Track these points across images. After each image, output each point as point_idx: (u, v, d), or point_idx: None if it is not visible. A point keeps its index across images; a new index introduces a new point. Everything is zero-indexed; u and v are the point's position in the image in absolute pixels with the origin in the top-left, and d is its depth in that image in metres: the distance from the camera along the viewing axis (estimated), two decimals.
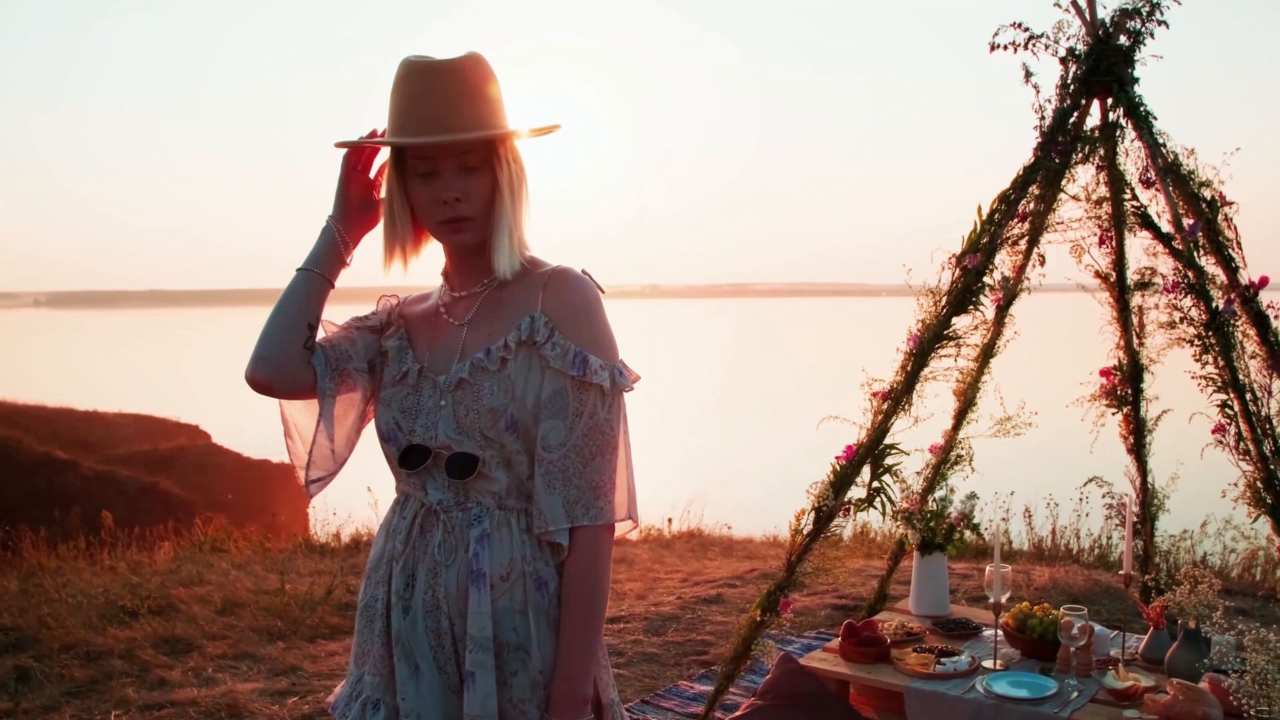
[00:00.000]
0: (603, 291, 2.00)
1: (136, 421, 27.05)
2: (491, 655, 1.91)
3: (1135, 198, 4.16)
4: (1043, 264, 4.40)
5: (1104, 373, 4.70)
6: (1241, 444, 3.72)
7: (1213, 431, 3.82)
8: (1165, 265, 4.11)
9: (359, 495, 10.00)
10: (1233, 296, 3.82)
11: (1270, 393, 3.71)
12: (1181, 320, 3.93)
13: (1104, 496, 4.89)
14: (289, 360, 2.00)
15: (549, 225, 2.13)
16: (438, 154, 1.91)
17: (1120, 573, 4.09)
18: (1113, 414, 4.74)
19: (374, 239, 2.08)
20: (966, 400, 4.73)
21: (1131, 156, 4.17)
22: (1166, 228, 4.03)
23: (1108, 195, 4.35)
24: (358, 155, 2.05)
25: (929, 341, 4.14)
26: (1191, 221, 3.90)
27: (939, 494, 4.87)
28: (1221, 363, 3.77)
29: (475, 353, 1.96)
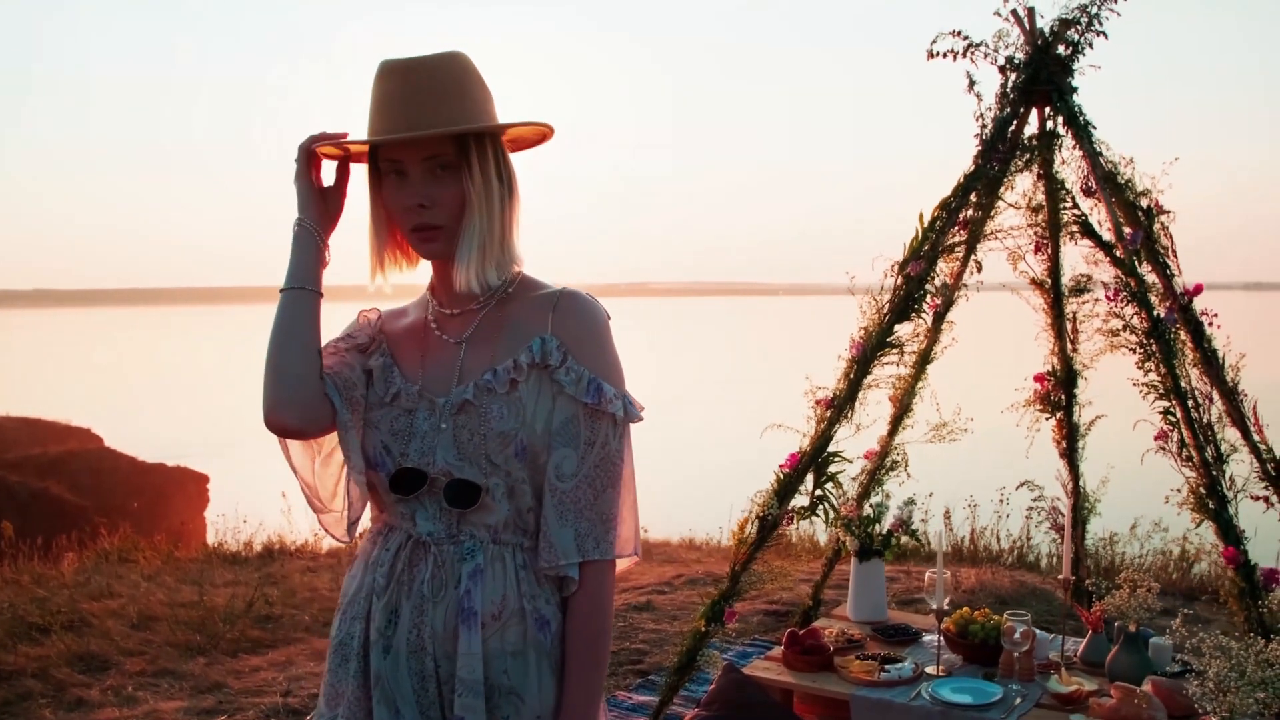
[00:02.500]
0: (609, 317, 1.91)
1: (25, 425, 26.13)
2: (482, 700, 1.78)
3: (1076, 206, 4.21)
4: (979, 270, 4.43)
5: (1038, 378, 4.76)
6: (1184, 451, 3.78)
7: (1155, 438, 3.87)
8: (1103, 273, 4.16)
9: (271, 501, 9.77)
10: (1171, 304, 3.87)
11: (1212, 400, 3.77)
12: (1124, 328, 3.97)
13: (1035, 500, 4.95)
14: (313, 398, 1.84)
15: None
16: (405, 155, 1.79)
17: (1059, 576, 4.13)
18: (1046, 419, 4.80)
19: (350, 245, 1.96)
20: (903, 406, 4.75)
21: (1072, 165, 4.22)
22: (1107, 236, 4.09)
23: (1045, 203, 4.40)
24: (311, 153, 1.90)
25: (872, 349, 4.15)
26: (1132, 231, 3.95)
27: (875, 500, 4.89)
28: (1164, 370, 3.82)
29: (478, 373, 1.84)
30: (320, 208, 1.92)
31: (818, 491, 4.19)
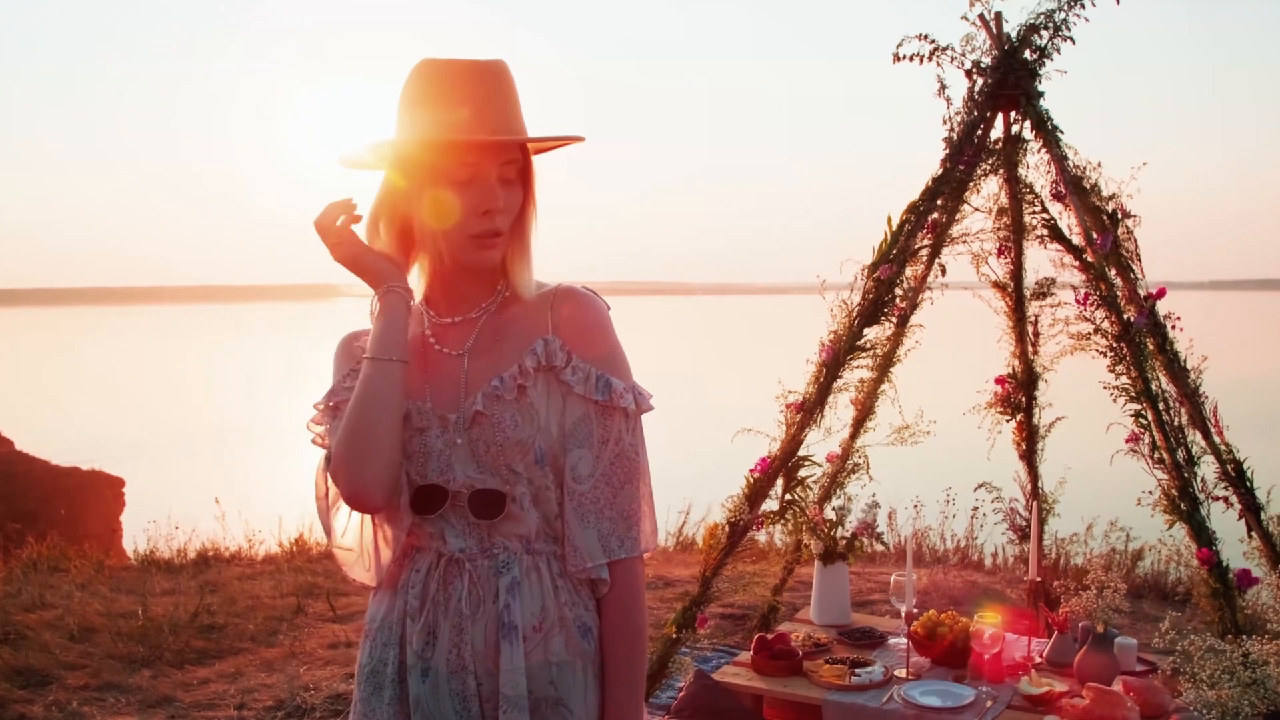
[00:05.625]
0: (608, 308, 1.88)
1: None
2: (527, 714, 1.75)
3: (1044, 210, 4.24)
4: (944, 273, 4.44)
5: (999, 380, 4.79)
6: (1155, 453, 3.81)
7: (1126, 441, 3.90)
8: (1070, 276, 4.19)
9: (205, 507, 9.55)
10: (1140, 308, 3.91)
11: (1182, 402, 3.81)
12: (1095, 332, 4.00)
13: (993, 501, 4.97)
14: (396, 474, 1.78)
15: None
16: (487, 159, 1.74)
17: (1026, 578, 4.16)
18: (1007, 421, 4.83)
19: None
20: (865, 409, 4.74)
21: (1040, 170, 4.24)
22: (1075, 240, 4.12)
23: (1009, 207, 4.42)
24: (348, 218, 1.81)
25: (842, 352, 4.15)
26: (1100, 236, 3.98)
27: (836, 503, 4.88)
28: (1135, 373, 3.85)
29: (484, 383, 1.79)
30: (404, 273, 1.83)
31: (787, 496, 4.17)
